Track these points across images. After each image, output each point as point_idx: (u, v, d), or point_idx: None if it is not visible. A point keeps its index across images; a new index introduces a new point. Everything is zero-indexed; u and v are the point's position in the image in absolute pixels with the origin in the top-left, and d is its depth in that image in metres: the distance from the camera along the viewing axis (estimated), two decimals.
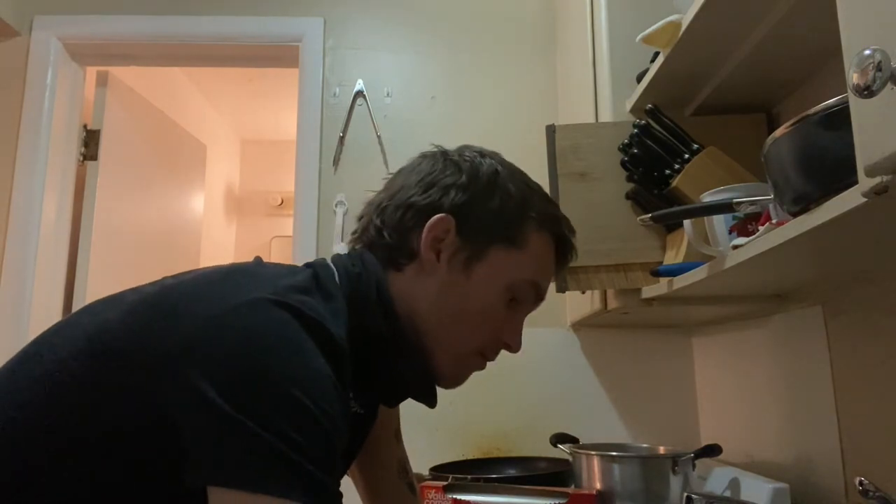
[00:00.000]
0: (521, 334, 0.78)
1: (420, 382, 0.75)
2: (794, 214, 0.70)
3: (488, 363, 0.80)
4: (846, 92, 0.52)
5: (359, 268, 0.72)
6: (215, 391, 0.52)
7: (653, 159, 1.19)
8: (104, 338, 0.58)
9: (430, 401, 0.77)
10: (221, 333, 0.55)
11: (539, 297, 0.79)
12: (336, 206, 1.96)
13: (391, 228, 0.75)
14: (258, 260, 0.71)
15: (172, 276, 0.67)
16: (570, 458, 1.36)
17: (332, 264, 0.73)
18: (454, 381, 0.77)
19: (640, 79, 1.30)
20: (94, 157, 2.22)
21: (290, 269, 0.68)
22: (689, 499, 1.11)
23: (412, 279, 0.74)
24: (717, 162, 1.11)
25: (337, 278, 0.70)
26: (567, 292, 1.32)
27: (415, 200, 0.75)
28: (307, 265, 0.72)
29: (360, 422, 0.79)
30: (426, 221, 0.73)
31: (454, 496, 1.22)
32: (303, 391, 0.53)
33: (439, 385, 0.76)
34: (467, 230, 0.73)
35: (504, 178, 0.77)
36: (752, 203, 0.82)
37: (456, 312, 0.73)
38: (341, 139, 2.00)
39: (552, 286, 1.29)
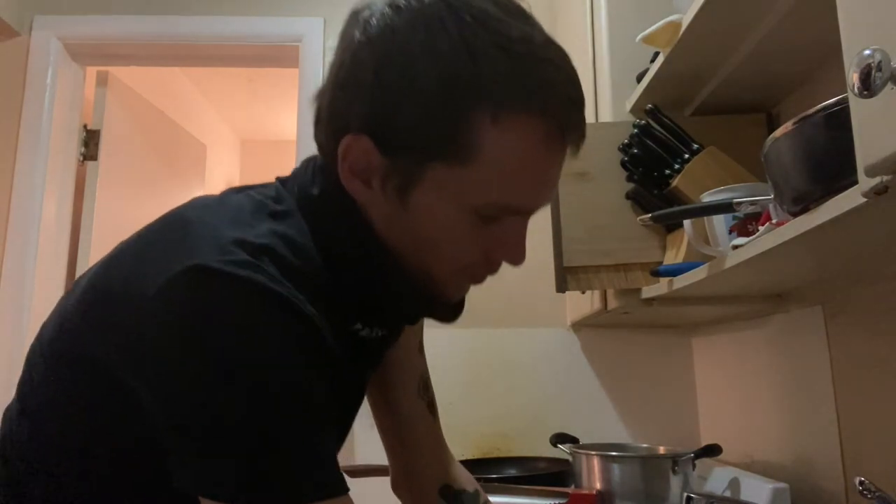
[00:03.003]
0: (518, 247, 0.61)
1: (417, 302, 0.64)
2: (794, 214, 0.70)
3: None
4: (846, 92, 0.52)
5: (317, 188, 0.61)
6: (163, 398, 0.50)
7: (653, 159, 1.19)
8: (63, 337, 0.58)
9: (442, 316, 0.65)
10: (155, 324, 0.50)
11: (523, 209, 0.59)
12: None
13: (321, 146, 0.62)
14: (215, 198, 0.61)
15: (122, 243, 0.60)
16: (570, 458, 1.36)
17: (290, 185, 0.63)
18: (453, 297, 0.65)
19: (640, 79, 1.30)
20: (94, 157, 2.22)
21: (238, 209, 0.58)
22: (689, 499, 1.11)
23: (366, 208, 0.60)
24: (717, 162, 1.11)
25: (293, 200, 0.61)
26: (567, 292, 1.32)
27: (323, 115, 0.60)
28: (261, 190, 0.62)
29: (382, 343, 0.73)
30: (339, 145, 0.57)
31: None
32: (265, 366, 0.49)
33: (442, 301, 0.64)
34: (389, 147, 0.56)
35: (424, 52, 0.53)
36: (752, 203, 0.82)
37: (412, 242, 0.59)
38: None
39: (552, 286, 1.31)
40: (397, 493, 0.89)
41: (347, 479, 0.52)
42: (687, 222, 1.02)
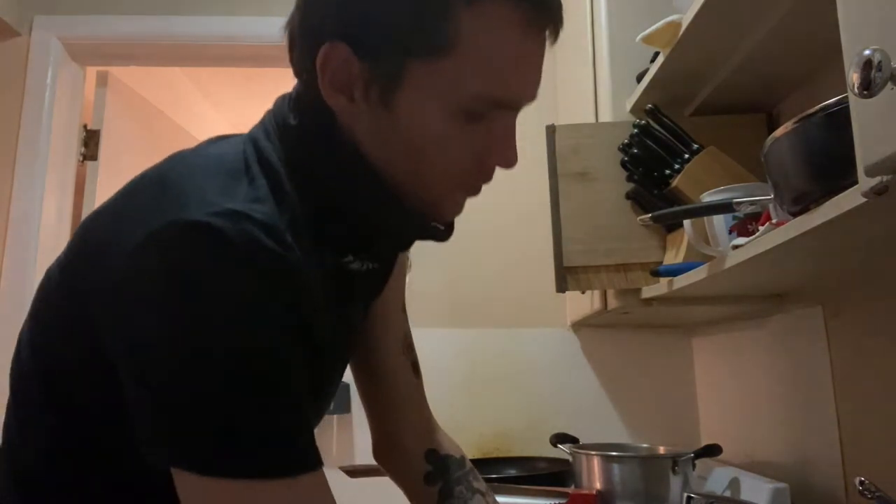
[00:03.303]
0: (510, 148, 0.58)
1: (409, 223, 0.62)
2: (794, 214, 0.70)
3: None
4: (846, 92, 0.52)
5: (295, 117, 0.60)
6: (139, 362, 0.49)
7: (653, 159, 1.19)
8: (50, 301, 0.59)
9: (436, 236, 0.63)
10: (133, 280, 0.49)
11: (507, 100, 0.57)
12: None
13: (298, 72, 0.61)
14: (192, 151, 0.60)
15: (103, 203, 0.60)
16: (570, 458, 1.36)
17: (268, 122, 0.62)
18: (450, 215, 0.63)
19: (640, 79, 1.30)
20: (94, 157, 2.22)
21: (218, 161, 0.57)
22: (689, 499, 1.11)
23: (351, 125, 0.58)
24: (717, 162, 1.11)
25: (272, 145, 0.59)
26: (567, 292, 1.32)
27: (296, 36, 0.60)
28: (239, 138, 0.61)
29: (375, 276, 0.72)
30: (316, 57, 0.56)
31: None
32: (230, 322, 0.47)
33: (437, 222, 0.62)
34: (368, 53, 0.55)
35: None
36: (752, 203, 0.82)
37: (402, 155, 0.57)
38: None
39: (551, 286, 1.31)
40: (380, 461, 0.86)
41: (347, 478, 0.51)
42: (687, 222, 1.02)
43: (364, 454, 1.62)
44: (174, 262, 0.48)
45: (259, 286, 0.49)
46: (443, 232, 0.63)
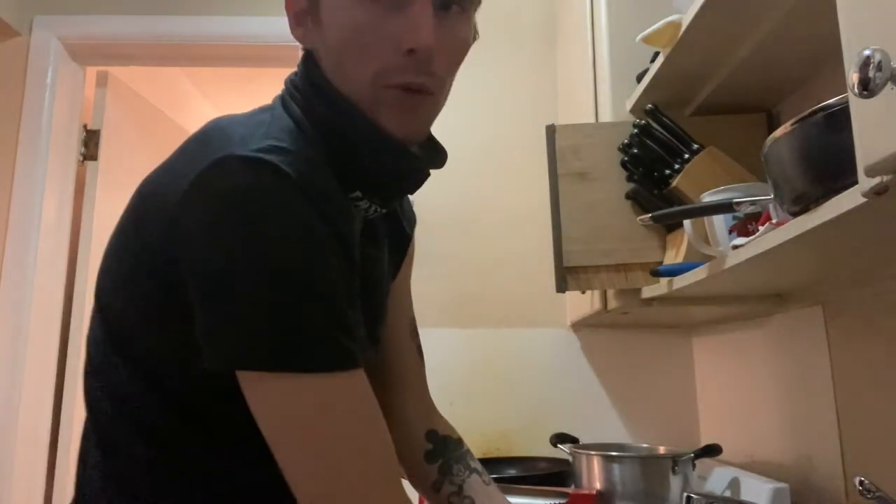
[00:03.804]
0: (422, 30, 0.61)
1: (376, 144, 0.65)
2: (794, 214, 0.70)
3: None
4: (846, 92, 0.52)
5: (295, 71, 0.70)
6: (202, 269, 0.55)
7: (653, 159, 1.19)
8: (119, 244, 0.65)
9: (417, 162, 0.68)
10: (191, 211, 0.56)
11: None
12: None
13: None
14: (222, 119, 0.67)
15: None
16: (570, 458, 1.36)
17: (284, 87, 0.71)
18: (396, 125, 0.65)
19: (640, 79, 1.30)
20: (94, 157, 2.22)
21: (251, 115, 0.66)
22: (689, 499, 1.11)
23: (319, 58, 0.67)
24: (717, 162, 1.11)
25: (289, 101, 0.68)
26: (567, 292, 1.32)
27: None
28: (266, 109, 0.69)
29: (386, 226, 0.78)
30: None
31: None
32: (284, 237, 0.54)
33: (392, 136, 0.65)
34: None
35: None
36: (752, 203, 0.82)
37: (338, 62, 0.65)
38: None
39: (552, 286, 1.30)
40: None
41: None
42: (687, 222, 1.02)
43: None
44: (228, 188, 0.55)
45: (307, 208, 0.55)
46: (428, 157, 0.70)
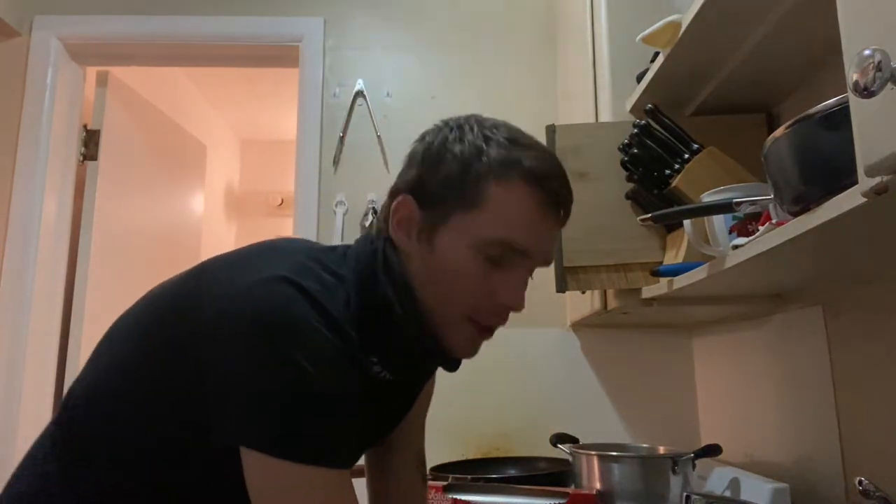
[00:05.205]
0: (518, 291, 0.75)
1: (424, 347, 0.77)
2: (794, 214, 0.70)
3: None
4: (846, 92, 0.52)
5: (375, 245, 0.78)
6: (229, 362, 0.63)
7: (653, 159, 1.19)
8: (150, 327, 0.72)
9: (444, 365, 0.80)
10: (234, 311, 0.64)
11: (523, 251, 0.74)
12: (336, 206, 1.96)
13: (379, 221, 0.82)
14: (292, 240, 0.79)
15: (208, 260, 0.76)
16: (570, 458, 1.36)
17: (355, 245, 0.80)
18: (460, 348, 0.77)
19: (640, 79, 1.30)
20: (94, 157, 2.22)
21: (309, 248, 0.76)
22: (688, 499, 1.11)
23: (406, 258, 0.77)
24: (717, 162, 1.11)
25: (353, 257, 0.77)
26: (567, 292, 1.32)
27: (393, 185, 0.80)
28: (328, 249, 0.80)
29: (395, 389, 0.84)
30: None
31: (454, 496, 1.22)
32: (304, 358, 0.62)
33: (451, 354, 0.77)
34: (426, 204, 0.75)
35: (453, 140, 0.76)
36: (752, 203, 0.82)
37: (433, 280, 0.74)
38: (341, 139, 2.01)
39: (552, 286, 1.31)
40: None
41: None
42: (687, 222, 1.02)
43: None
44: (258, 303, 0.64)
45: (327, 330, 0.65)
46: (452, 362, 0.79)
